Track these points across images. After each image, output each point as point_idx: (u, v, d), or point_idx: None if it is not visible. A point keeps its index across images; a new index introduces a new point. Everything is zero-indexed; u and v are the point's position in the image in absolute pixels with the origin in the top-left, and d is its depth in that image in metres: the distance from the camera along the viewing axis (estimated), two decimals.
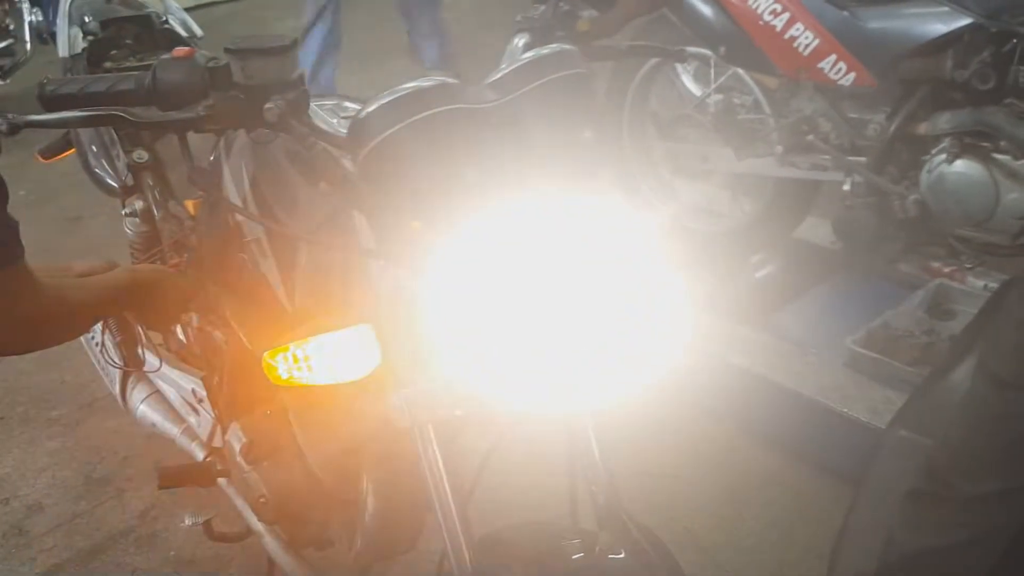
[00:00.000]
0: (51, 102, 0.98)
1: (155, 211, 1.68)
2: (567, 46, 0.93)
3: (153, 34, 1.92)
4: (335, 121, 1.14)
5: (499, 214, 0.80)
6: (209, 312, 1.48)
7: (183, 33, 2.00)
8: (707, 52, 2.07)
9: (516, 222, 0.80)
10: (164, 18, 2.00)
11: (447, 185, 0.85)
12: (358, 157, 0.86)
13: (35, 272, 0.96)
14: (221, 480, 1.57)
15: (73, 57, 1.95)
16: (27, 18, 3.73)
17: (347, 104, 1.32)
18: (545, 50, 0.91)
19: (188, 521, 1.54)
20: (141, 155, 1.67)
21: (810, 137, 2.12)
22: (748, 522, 1.95)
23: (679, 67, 2.53)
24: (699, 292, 2.38)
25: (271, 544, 1.48)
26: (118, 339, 1.85)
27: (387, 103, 0.85)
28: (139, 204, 1.72)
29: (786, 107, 2.18)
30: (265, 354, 1.15)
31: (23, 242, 0.90)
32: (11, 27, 4.16)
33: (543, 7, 1.17)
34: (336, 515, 1.40)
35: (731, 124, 2.25)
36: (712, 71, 2.35)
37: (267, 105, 0.90)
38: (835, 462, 2.01)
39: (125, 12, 1.97)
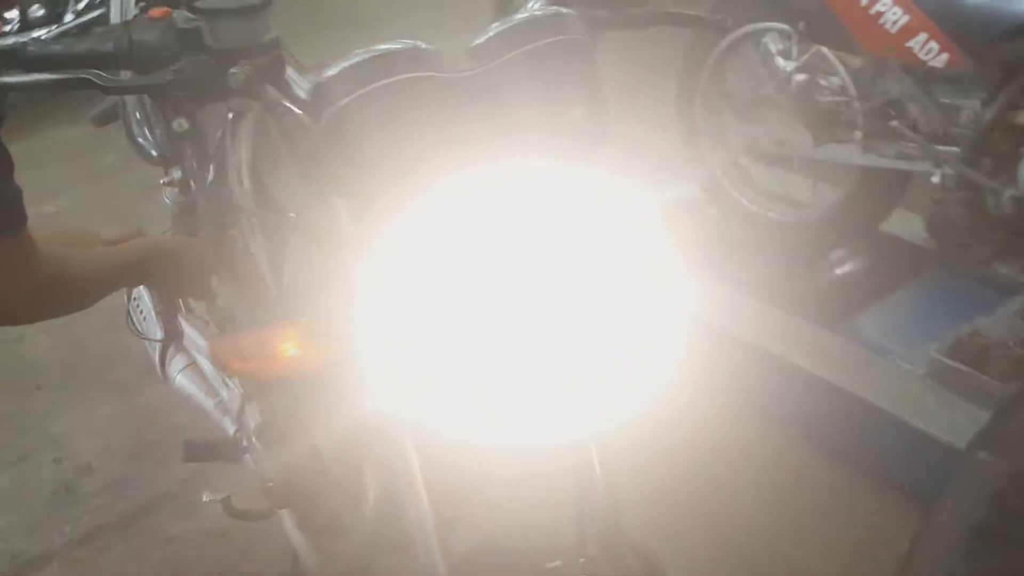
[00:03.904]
0: (30, 63, 0.94)
1: (192, 182, 1.65)
2: (564, 9, 0.81)
3: None
4: None
5: (462, 205, 0.71)
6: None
7: None
8: (784, 26, 1.90)
9: (484, 215, 0.71)
10: None
11: (405, 164, 0.76)
12: (318, 125, 0.78)
13: (45, 241, 0.96)
14: (247, 457, 1.54)
15: None
16: None
17: None
18: (538, 10, 0.81)
19: (206, 497, 1.53)
20: (181, 124, 1.63)
21: (895, 123, 1.94)
22: (805, 546, 1.80)
23: (765, 42, 2.35)
24: (767, 285, 2.25)
25: (288, 525, 1.45)
26: (158, 308, 1.85)
27: (350, 66, 0.77)
28: (178, 174, 1.70)
29: (871, 89, 2.00)
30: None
31: (26, 211, 0.90)
32: None
33: None
34: (346, 505, 1.35)
35: (810, 106, 2.08)
36: (794, 48, 2.17)
37: (232, 70, 0.83)
38: (908, 483, 1.85)
39: None
